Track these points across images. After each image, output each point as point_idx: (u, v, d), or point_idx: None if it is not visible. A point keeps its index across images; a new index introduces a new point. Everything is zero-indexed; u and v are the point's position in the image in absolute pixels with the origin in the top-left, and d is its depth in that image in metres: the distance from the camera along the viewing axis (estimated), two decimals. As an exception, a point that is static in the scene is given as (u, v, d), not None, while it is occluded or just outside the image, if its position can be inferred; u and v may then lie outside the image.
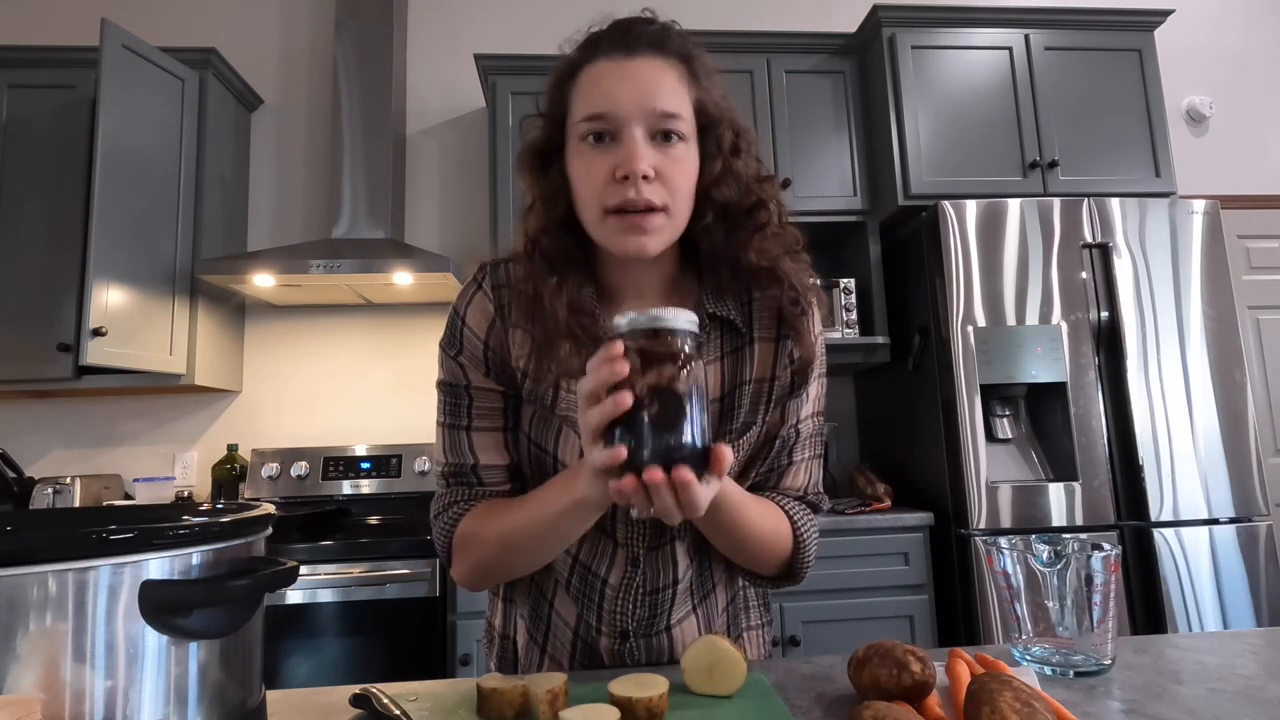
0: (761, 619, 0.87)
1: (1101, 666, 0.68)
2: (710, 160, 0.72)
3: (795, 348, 0.76)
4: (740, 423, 0.76)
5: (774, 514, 0.76)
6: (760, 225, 0.73)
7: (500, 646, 0.83)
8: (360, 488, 2.41)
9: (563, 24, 3.07)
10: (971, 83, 2.33)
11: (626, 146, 0.67)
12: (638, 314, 0.56)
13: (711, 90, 0.73)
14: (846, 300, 2.33)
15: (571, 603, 0.78)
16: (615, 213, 0.68)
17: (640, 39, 0.70)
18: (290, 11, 2.79)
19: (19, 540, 0.49)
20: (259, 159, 2.69)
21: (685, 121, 0.69)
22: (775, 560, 0.76)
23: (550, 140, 0.74)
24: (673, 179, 0.68)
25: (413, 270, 2.18)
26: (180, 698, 0.48)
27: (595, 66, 0.70)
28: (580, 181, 0.70)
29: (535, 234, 0.74)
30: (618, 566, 0.76)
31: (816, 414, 0.81)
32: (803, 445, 0.80)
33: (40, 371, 2.15)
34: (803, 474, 0.80)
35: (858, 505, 2.11)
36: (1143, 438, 1.98)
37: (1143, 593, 1.94)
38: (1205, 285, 2.08)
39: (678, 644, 0.78)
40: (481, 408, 0.77)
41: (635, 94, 0.67)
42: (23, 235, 2.20)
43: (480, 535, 0.73)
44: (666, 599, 0.77)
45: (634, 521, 0.75)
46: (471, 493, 0.77)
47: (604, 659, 0.77)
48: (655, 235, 0.68)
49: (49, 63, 2.30)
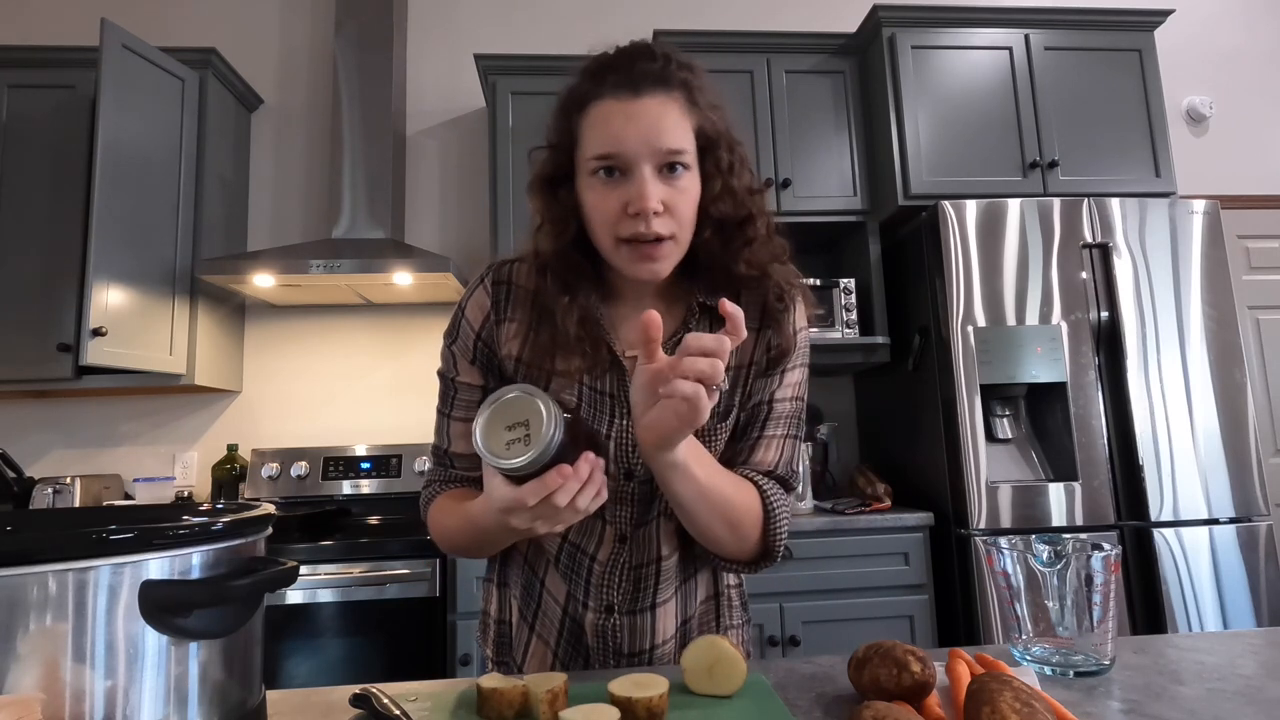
0: (742, 618, 0.90)
1: (1101, 666, 0.68)
2: (710, 180, 0.77)
3: (774, 337, 0.82)
4: (721, 406, 0.81)
5: (744, 486, 0.78)
6: (751, 238, 0.79)
7: (496, 631, 0.87)
8: (360, 488, 2.41)
9: (562, 24, 3.05)
10: (971, 83, 2.33)
11: (637, 185, 0.72)
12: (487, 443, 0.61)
13: (709, 112, 0.77)
14: (846, 300, 2.33)
15: (561, 579, 0.82)
16: (628, 243, 0.74)
17: (645, 77, 0.74)
18: (290, 11, 2.79)
19: (19, 540, 0.49)
20: (259, 159, 2.69)
21: (689, 153, 0.75)
22: (746, 528, 0.78)
23: (560, 169, 0.79)
24: (679, 209, 0.74)
25: (413, 270, 2.18)
26: (180, 698, 0.49)
27: (603, 105, 0.74)
28: (593, 212, 0.76)
29: (547, 255, 0.79)
30: (606, 544, 0.81)
31: (794, 398, 0.85)
32: (775, 422, 0.83)
33: (40, 371, 2.15)
34: (774, 450, 0.83)
35: (858, 505, 2.11)
36: (1143, 438, 1.98)
37: (1143, 593, 1.94)
38: (1205, 285, 2.08)
39: (659, 623, 0.82)
40: (462, 400, 0.84)
41: (643, 134, 0.72)
42: (23, 235, 2.20)
43: (440, 523, 0.82)
44: (651, 574, 0.81)
45: (624, 500, 0.80)
46: (447, 474, 0.86)
47: (588, 636, 0.81)
48: (665, 261, 0.75)
49: (49, 63, 2.30)
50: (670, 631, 0.82)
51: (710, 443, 0.80)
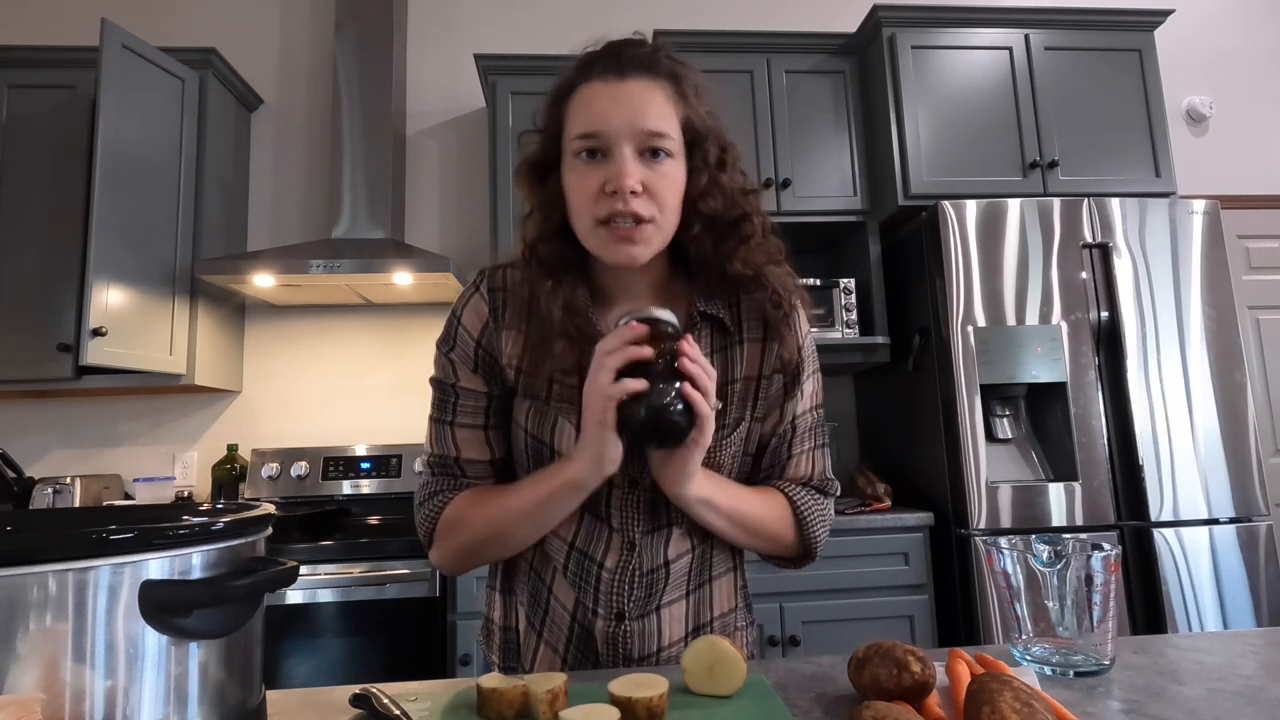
0: (746, 619, 0.90)
1: (1101, 666, 0.68)
2: (697, 174, 0.77)
3: (780, 349, 0.83)
4: (731, 418, 0.81)
5: (773, 499, 0.83)
6: (745, 237, 0.79)
7: (502, 638, 0.85)
8: (360, 488, 2.41)
9: (562, 24, 3.05)
10: (971, 83, 2.33)
11: (616, 163, 0.72)
12: (636, 309, 0.70)
13: (699, 107, 0.78)
14: (846, 300, 2.33)
15: (569, 587, 0.81)
16: (605, 223, 0.73)
17: (631, 61, 0.75)
18: (290, 11, 2.79)
19: (19, 540, 0.49)
20: (259, 159, 2.69)
21: (672, 139, 0.75)
22: (784, 540, 0.83)
23: (547, 154, 0.79)
24: (660, 193, 0.74)
25: (413, 270, 2.18)
26: (180, 698, 0.48)
27: (589, 87, 0.75)
28: (573, 193, 0.76)
29: (533, 241, 0.80)
30: (614, 551, 0.80)
31: (813, 409, 0.87)
32: (800, 439, 0.86)
33: (40, 371, 2.15)
34: (804, 464, 0.86)
35: (858, 505, 2.11)
36: (1143, 438, 1.98)
37: (1143, 593, 1.94)
38: (1205, 285, 2.08)
39: (665, 625, 0.80)
40: (465, 405, 0.82)
41: (625, 114, 0.73)
42: (23, 235, 2.20)
43: (467, 519, 0.79)
44: (661, 578, 0.80)
45: (630, 507, 0.79)
46: (455, 483, 0.82)
47: (598, 643, 0.79)
48: (643, 245, 0.74)
49: (49, 63, 2.30)
50: (679, 634, 0.81)
51: (717, 455, 0.80)
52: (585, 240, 0.77)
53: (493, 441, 0.83)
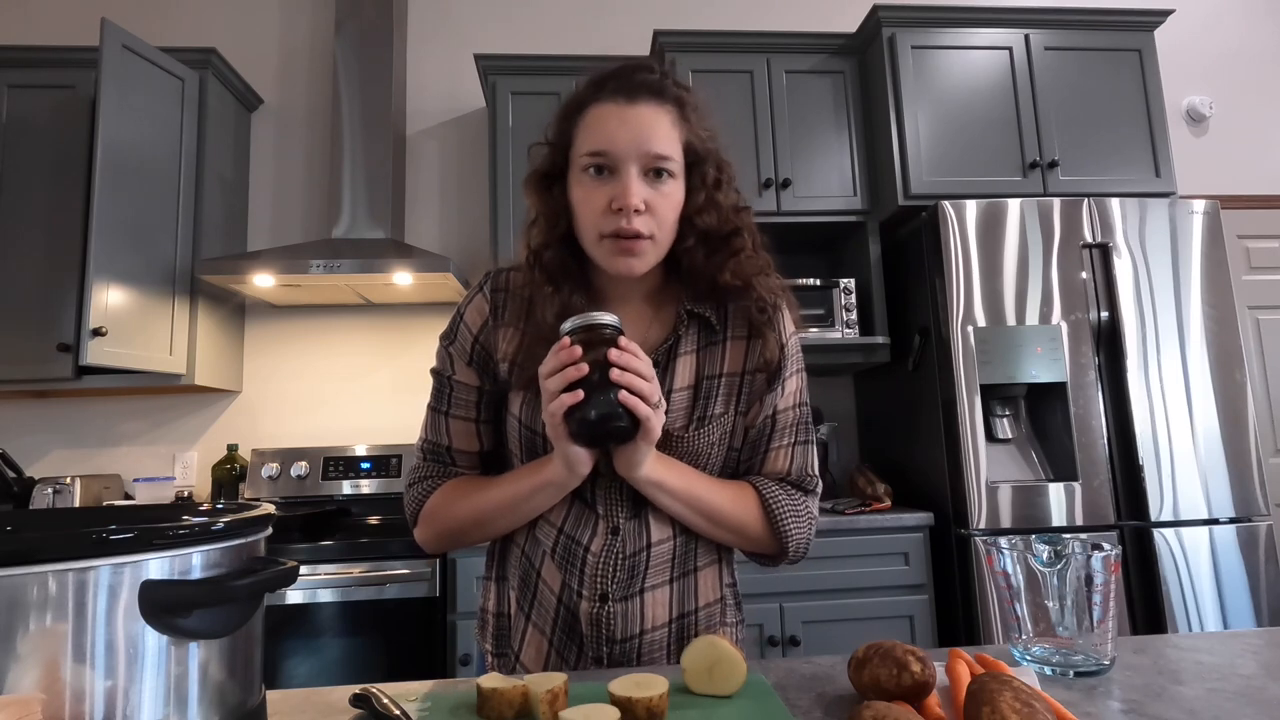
0: (735, 617, 0.91)
1: (1101, 666, 0.68)
2: (695, 192, 0.83)
3: (763, 348, 0.87)
4: (712, 411, 0.85)
5: (740, 491, 0.85)
6: (736, 250, 0.84)
7: (495, 625, 0.89)
8: (360, 488, 2.41)
9: (562, 24, 3.06)
10: (971, 83, 2.33)
11: (623, 182, 0.78)
12: (577, 314, 0.74)
13: (700, 130, 0.84)
14: (846, 300, 2.33)
15: (557, 569, 0.84)
16: (610, 237, 0.79)
17: (641, 86, 0.80)
18: (290, 11, 2.79)
19: (19, 540, 0.49)
20: (259, 159, 2.69)
21: (675, 161, 0.80)
22: (752, 532, 0.85)
23: (555, 166, 0.85)
24: (661, 211, 0.80)
25: (413, 270, 2.18)
26: (180, 698, 0.49)
27: (600, 108, 0.80)
28: (580, 207, 0.81)
29: (538, 247, 0.85)
30: (599, 535, 0.83)
31: (796, 405, 0.90)
32: (780, 434, 0.89)
33: (40, 371, 2.15)
34: (783, 459, 0.89)
35: (858, 505, 2.11)
36: (1143, 438, 1.98)
37: (1143, 593, 1.94)
38: (1205, 285, 2.08)
39: (649, 609, 0.83)
40: (459, 399, 0.88)
41: (633, 137, 0.78)
42: (23, 235, 2.20)
43: (450, 509, 0.85)
44: (642, 561, 0.83)
45: (613, 494, 0.83)
46: (444, 470, 0.89)
47: (583, 624, 0.82)
48: (642, 258, 0.80)
49: (49, 63, 2.30)
50: (662, 619, 0.83)
51: (693, 444, 0.84)
52: (590, 250, 0.82)
53: (483, 435, 0.89)
